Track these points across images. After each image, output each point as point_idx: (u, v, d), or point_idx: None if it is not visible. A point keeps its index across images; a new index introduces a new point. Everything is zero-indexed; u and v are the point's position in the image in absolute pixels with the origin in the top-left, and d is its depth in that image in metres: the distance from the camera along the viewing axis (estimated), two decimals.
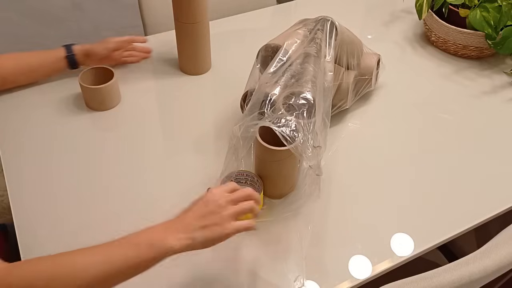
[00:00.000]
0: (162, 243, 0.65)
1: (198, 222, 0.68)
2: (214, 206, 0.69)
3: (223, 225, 0.68)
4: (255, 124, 0.84)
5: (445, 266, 0.69)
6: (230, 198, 0.71)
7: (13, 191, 0.91)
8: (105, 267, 0.62)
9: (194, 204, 0.71)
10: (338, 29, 0.95)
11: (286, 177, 0.89)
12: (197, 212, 0.69)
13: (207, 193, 0.71)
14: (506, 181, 0.98)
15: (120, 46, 1.15)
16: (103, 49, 1.12)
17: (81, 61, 1.12)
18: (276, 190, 0.90)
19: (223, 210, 0.69)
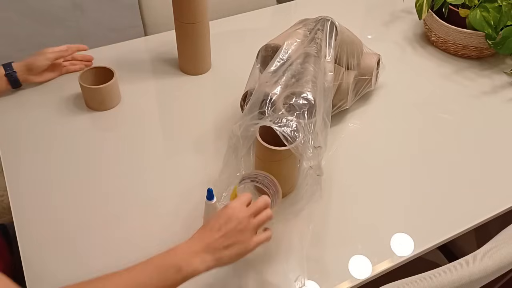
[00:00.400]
0: (188, 267, 0.65)
1: (222, 241, 0.68)
2: (236, 223, 0.68)
3: (246, 242, 0.69)
4: (255, 123, 0.84)
5: (445, 266, 0.69)
6: (250, 212, 0.70)
7: (13, 191, 0.91)
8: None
9: (215, 220, 0.69)
10: (338, 29, 0.95)
11: (286, 177, 0.89)
12: (220, 230, 0.68)
13: (227, 209, 0.70)
14: (506, 181, 0.98)
15: (60, 55, 1.12)
16: (44, 60, 1.09)
17: (22, 78, 1.09)
18: None
19: (245, 226, 0.69)
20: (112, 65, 1.11)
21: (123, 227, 0.87)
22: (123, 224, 0.87)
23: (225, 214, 0.69)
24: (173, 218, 0.88)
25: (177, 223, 0.87)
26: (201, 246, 0.67)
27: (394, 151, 1.04)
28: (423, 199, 0.94)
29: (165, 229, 0.86)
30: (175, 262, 0.65)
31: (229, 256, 0.68)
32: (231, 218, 0.69)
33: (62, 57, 1.13)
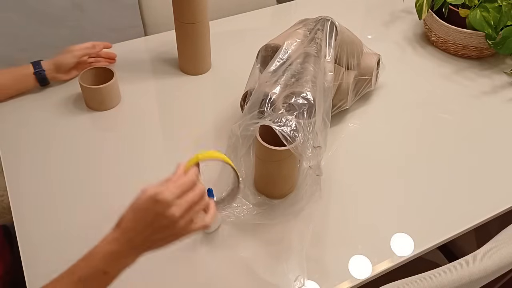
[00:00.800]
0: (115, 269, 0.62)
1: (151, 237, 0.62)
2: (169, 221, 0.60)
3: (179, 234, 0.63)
4: (255, 123, 0.84)
5: (445, 266, 0.69)
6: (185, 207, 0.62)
7: (13, 191, 0.91)
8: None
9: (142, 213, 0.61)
10: (338, 29, 0.95)
11: (286, 177, 0.89)
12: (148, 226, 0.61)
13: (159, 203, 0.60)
14: (506, 181, 0.98)
15: (86, 53, 1.12)
16: (71, 58, 1.10)
17: (51, 76, 1.10)
18: (276, 190, 0.89)
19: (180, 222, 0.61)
20: (112, 65, 1.11)
21: None
22: None
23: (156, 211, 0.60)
24: None
25: None
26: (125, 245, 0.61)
27: (394, 151, 1.04)
28: (423, 199, 0.94)
29: None
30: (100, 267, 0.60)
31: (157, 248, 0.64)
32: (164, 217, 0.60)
33: (88, 54, 1.14)
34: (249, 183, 0.90)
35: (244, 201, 0.87)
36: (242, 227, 0.86)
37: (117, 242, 0.61)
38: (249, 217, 0.86)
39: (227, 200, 0.80)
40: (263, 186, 0.90)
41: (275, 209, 0.88)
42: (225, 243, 0.85)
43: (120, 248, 0.61)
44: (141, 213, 0.61)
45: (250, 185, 0.90)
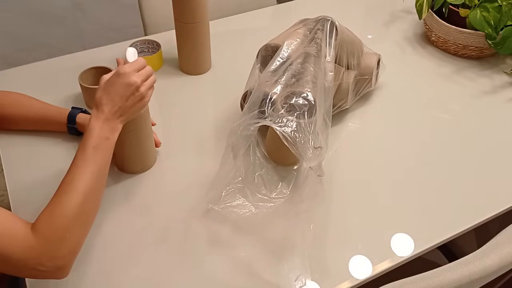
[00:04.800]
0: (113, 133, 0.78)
1: (125, 104, 0.79)
2: (134, 88, 0.79)
3: (144, 98, 0.82)
4: (255, 122, 0.84)
5: (445, 266, 0.69)
6: (143, 77, 0.81)
7: (13, 191, 0.91)
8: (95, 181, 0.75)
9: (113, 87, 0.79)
10: (338, 29, 0.95)
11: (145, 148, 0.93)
12: (121, 96, 0.79)
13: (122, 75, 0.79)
14: (506, 181, 0.98)
15: None
16: None
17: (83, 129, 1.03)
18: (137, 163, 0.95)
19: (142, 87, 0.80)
20: (112, 65, 1.11)
21: (122, 225, 0.87)
22: (122, 223, 0.87)
23: (122, 81, 0.79)
24: (172, 218, 0.88)
25: (176, 223, 0.87)
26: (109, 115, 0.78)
27: (394, 151, 1.04)
28: (423, 199, 0.94)
29: (164, 229, 0.86)
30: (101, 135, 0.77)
31: (134, 112, 0.82)
32: (129, 84, 0.78)
33: None
34: (249, 183, 0.90)
35: (245, 201, 0.87)
36: (242, 227, 0.86)
37: (103, 115, 0.78)
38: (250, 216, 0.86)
39: None
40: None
41: (276, 209, 0.88)
42: (225, 243, 0.85)
43: (107, 117, 0.78)
44: (112, 87, 0.79)
45: (250, 184, 0.90)
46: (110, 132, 0.78)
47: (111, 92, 0.79)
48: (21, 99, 1.00)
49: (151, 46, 1.23)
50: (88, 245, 0.83)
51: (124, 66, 0.80)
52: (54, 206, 0.71)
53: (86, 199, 0.73)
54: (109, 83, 0.79)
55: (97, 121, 0.77)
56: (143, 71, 0.82)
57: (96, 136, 0.76)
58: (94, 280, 0.78)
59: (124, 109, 0.79)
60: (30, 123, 1.01)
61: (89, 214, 0.75)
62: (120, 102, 0.79)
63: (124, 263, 0.81)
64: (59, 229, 0.70)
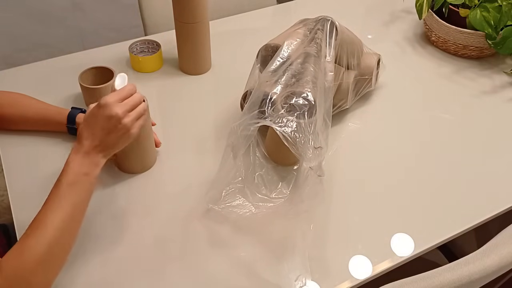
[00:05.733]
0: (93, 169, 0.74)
1: (107, 138, 0.74)
2: (116, 120, 0.74)
3: (130, 131, 0.76)
4: (255, 122, 0.84)
5: (445, 266, 0.69)
6: (127, 107, 0.75)
7: (13, 191, 0.91)
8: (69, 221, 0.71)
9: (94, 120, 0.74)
10: (338, 29, 0.95)
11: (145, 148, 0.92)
12: (102, 129, 0.74)
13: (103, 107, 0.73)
14: (506, 181, 0.98)
15: None
16: None
17: None
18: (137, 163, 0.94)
19: (125, 119, 0.74)
20: (112, 65, 1.11)
21: (121, 225, 0.87)
22: (121, 222, 0.87)
23: (103, 114, 0.73)
24: (172, 218, 0.88)
25: (176, 223, 0.87)
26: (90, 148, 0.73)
27: (394, 151, 1.04)
28: (423, 199, 0.94)
29: (164, 229, 0.86)
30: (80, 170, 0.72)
31: (119, 147, 0.77)
32: (110, 117, 0.73)
33: None
34: (249, 182, 0.90)
35: (245, 201, 0.87)
36: (242, 227, 0.86)
37: (83, 149, 0.73)
38: (250, 216, 0.86)
39: None
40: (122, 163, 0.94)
41: (276, 209, 0.88)
42: (225, 243, 0.85)
43: (87, 152, 0.73)
44: (92, 120, 0.74)
45: (250, 184, 0.90)
46: (90, 167, 0.73)
47: (92, 125, 0.74)
48: (21, 99, 1.00)
49: (151, 46, 1.23)
50: (88, 245, 0.83)
51: (107, 96, 0.74)
52: (22, 245, 0.67)
53: (57, 241, 0.68)
54: (91, 114, 0.74)
55: (76, 155, 0.73)
56: (129, 100, 0.76)
57: (73, 172, 0.71)
58: (94, 280, 0.78)
59: (106, 143, 0.74)
60: (29, 123, 1.00)
61: (59, 257, 0.71)
62: (101, 136, 0.74)
63: (124, 263, 0.81)
64: (25, 271, 0.65)
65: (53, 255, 0.68)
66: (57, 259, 0.70)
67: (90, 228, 0.85)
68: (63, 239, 0.70)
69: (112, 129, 0.74)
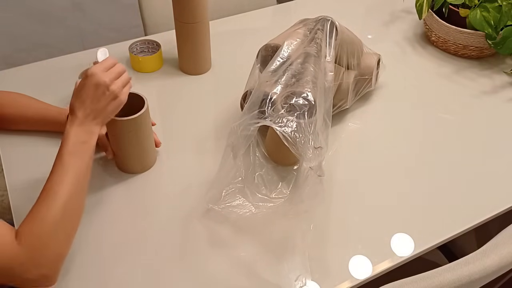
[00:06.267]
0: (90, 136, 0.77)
1: (97, 105, 0.77)
2: (104, 87, 0.77)
3: (118, 97, 0.79)
4: (255, 122, 0.84)
5: (445, 266, 0.69)
6: (112, 75, 0.78)
7: (13, 191, 0.91)
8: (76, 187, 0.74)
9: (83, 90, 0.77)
10: (338, 29, 0.95)
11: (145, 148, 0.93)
12: (92, 98, 0.77)
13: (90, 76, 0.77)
14: (506, 181, 0.98)
15: None
16: None
17: None
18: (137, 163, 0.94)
19: (112, 86, 0.77)
20: None
21: (121, 225, 0.87)
22: (121, 222, 0.87)
23: (90, 83, 0.76)
24: (172, 218, 0.88)
25: (176, 223, 0.87)
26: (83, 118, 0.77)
27: (394, 151, 1.04)
28: (423, 199, 0.94)
29: (164, 229, 0.86)
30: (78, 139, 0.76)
31: (110, 112, 0.79)
32: (98, 84, 0.76)
33: None
34: (249, 182, 0.90)
35: (245, 201, 0.87)
36: (242, 227, 0.86)
37: (77, 119, 0.76)
38: (250, 216, 0.86)
39: None
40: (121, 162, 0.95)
41: (276, 209, 0.88)
42: (225, 243, 0.85)
43: (81, 122, 0.76)
44: (81, 91, 0.77)
45: (250, 184, 0.90)
46: (86, 135, 0.76)
47: (82, 96, 0.77)
48: (21, 99, 1.00)
49: (151, 46, 1.23)
50: (88, 245, 0.83)
51: (92, 67, 0.77)
52: (36, 213, 0.70)
53: (68, 205, 0.72)
54: (80, 86, 0.78)
55: (71, 127, 0.76)
56: (113, 69, 0.79)
57: (72, 142, 0.75)
58: (93, 280, 0.78)
59: (97, 110, 0.77)
60: (29, 123, 1.00)
61: (72, 220, 0.75)
62: (92, 104, 0.77)
63: (124, 263, 0.81)
64: (42, 236, 0.69)
65: (66, 219, 0.72)
66: (70, 223, 0.74)
67: (90, 228, 0.86)
68: (73, 204, 0.74)
69: (101, 96, 0.77)
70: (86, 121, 0.77)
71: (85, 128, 0.77)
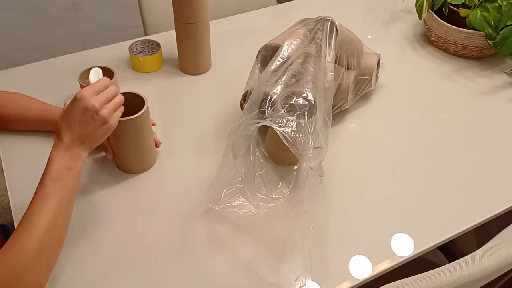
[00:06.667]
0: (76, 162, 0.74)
1: (85, 130, 0.74)
2: (93, 111, 0.73)
3: (108, 122, 0.76)
4: (255, 122, 0.84)
5: (445, 266, 0.69)
6: (103, 99, 0.75)
7: (13, 191, 0.91)
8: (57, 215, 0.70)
9: (70, 114, 0.74)
10: (338, 29, 0.95)
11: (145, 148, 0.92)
12: (80, 122, 0.74)
13: (78, 100, 0.73)
14: (506, 181, 0.98)
15: None
16: None
17: None
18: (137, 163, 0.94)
19: (102, 111, 0.74)
20: (112, 65, 1.11)
21: (121, 225, 0.87)
22: (121, 223, 0.87)
23: (79, 104, 0.73)
24: (172, 218, 0.88)
25: (176, 222, 0.87)
26: (69, 143, 0.73)
27: (394, 151, 1.04)
28: (423, 199, 0.94)
29: (163, 228, 0.86)
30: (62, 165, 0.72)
31: (97, 139, 0.76)
32: (87, 108, 0.73)
33: None
34: (249, 182, 0.90)
35: (245, 201, 0.87)
36: (242, 227, 0.86)
37: (63, 144, 0.73)
38: (250, 216, 0.86)
39: None
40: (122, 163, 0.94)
41: (276, 209, 0.88)
42: (225, 243, 0.85)
43: (67, 146, 0.73)
44: (69, 114, 0.74)
45: (250, 184, 0.90)
46: (72, 161, 0.73)
47: (70, 119, 0.74)
48: (21, 99, 1.00)
49: (151, 46, 1.23)
50: (88, 245, 0.83)
51: (82, 90, 0.74)
52: (13, 243, 0.67)
53: (47, 235, 0.69)
54: (68, 109, 0.74)
55: (56, 151, 0.73)
56: (105, 92, 0.76)
57: (55, 168, 0.72)
58: (93, 280, 0.78)
59: (85, 135, 0.74)
60: (29, 123, 1.00)
61: (52, 250, 0.71)
62: (80, 129, 0.74)
63: (123, 263, 0.81)
64: (17, 269, 0.66)
65: (44, 250, 0.69)
66: (49, 253, 0.70)
67: (90, 228, 0.86)
68: (53, 233, 0.70)
69: (89, 121, 0.74)
70: (73, 146, 0.73)
71: (71, 153, 0.73)
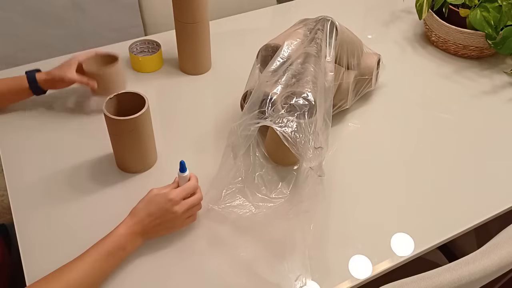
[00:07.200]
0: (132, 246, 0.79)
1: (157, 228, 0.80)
2: (173, 216, 0.80)
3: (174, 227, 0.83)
4: (255, 122, 0.84)
5: (445, 266, 0.69)
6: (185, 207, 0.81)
7: (13, 191, 0.91)
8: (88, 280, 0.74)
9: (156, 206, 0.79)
10: (338, 29, 0.95)
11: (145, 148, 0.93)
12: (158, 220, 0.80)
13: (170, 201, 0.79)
14: (506, 181, 0.98)
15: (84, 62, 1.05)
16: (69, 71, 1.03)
17: (47, 86, 1.04)
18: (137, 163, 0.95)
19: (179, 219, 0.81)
20: None
21: None
22: None
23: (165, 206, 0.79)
24: None
25: None
26: (139, 229, 0.79)
27: (394, 151, 1.04)
28: (423, 199, 0.94)
29: None
30: (122, 244, 0.77)
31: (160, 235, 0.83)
32: (169, 211, 0.79)
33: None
34: (249, 182, 0.91)
35: (245, 201, 0.87)
36: (242, 227, 0.86)
37: (134, 226, 0.79)
38: (250, 216, 0.86)
39: None
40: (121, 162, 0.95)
41: (276, 209, 0.88)
42: (225, 243, 0.85)
43: (136, 230, 0.79)
44: (153, 207, 0.79)
45: (250, 184, 0.90)
46: (129, 244, 0.78)
47: (152, 212, 0.79)
48: None
49: (151, 46, 1.23)
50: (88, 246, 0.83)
51: (176, 192, 0.80)
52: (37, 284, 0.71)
53: None
54: (157, 201, 0.80)
55: (126, 230, 0.78)
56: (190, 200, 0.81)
57: (117, 243, 0.77)
58: None
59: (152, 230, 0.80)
60: None
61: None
62: (154, 225, 0.79)
63: (123, 263, 0.81)
64: None
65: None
66: None
67: (90, 228, 0.85)
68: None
69: (165, 223, 0.80)
70: (138, 232, 0.79)
71: (134, 238, 0.79)
